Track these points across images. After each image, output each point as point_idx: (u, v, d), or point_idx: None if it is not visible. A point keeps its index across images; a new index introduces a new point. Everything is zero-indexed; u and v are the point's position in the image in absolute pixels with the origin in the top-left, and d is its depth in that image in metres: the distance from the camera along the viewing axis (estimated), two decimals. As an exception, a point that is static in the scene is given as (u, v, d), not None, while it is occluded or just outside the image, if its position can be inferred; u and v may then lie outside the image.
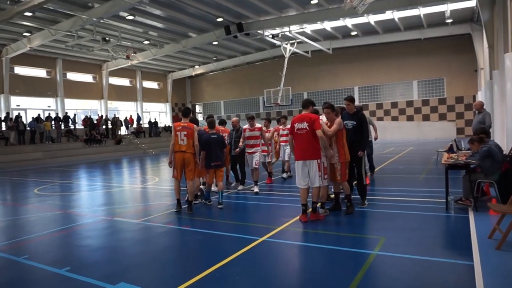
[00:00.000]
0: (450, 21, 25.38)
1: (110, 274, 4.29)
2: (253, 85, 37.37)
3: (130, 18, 21.40)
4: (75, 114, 29.36)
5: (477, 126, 8.99)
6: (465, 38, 27.62)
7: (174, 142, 7.18)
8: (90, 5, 19.24)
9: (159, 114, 39.44)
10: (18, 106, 27.55)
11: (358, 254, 4.61)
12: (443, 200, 6.61)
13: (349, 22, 25.86)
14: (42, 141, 24.94)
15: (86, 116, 30.10)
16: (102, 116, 30.89)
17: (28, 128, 24.57)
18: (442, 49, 29.77)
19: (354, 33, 28.62)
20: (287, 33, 25.72)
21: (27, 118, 26.74)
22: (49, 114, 27.13)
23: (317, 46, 29.28)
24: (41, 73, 29.03)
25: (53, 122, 26.24)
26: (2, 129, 23.76)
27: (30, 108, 28.35)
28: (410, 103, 31.90)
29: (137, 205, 8.69)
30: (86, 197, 10.29)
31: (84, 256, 5.10)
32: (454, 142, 9.59)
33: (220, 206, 7.54)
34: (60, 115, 28.05)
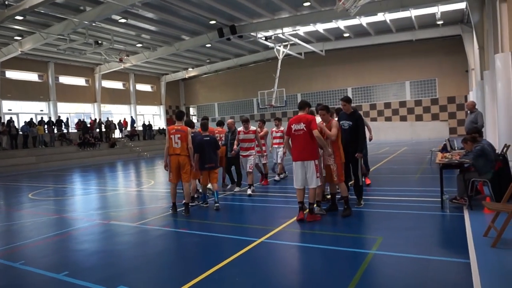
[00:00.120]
0: (441, 22, 25.69)
1: (109, 278, 4.28)
2: (246, 87, 37.41)
3: (123, 21, 21.33)
4: (68, 118, 29.17)
5: (469, 126, 9.09)
6: (456, 39, 27.91)
7: (168, 145, 7.24)
8: (82, 8, 19.13)
9: (153, 116, 39.30)
10: (10, 110, 27.29)
11: (356, 254, 4.65)
12: (438, 199, 6.68)
13: (341, 24, 26.00)
14: (35, 145, 24.74)
15: (79, 119, 29.92)
16: (95, 119, 30.73)
17: (20, 132, 24.37)
18: (434, 50, 30.06)
19: (346, 34, 28.79)
20: (280, 35, 25.77)
21: (20, 123, 26.52)
22: (41, 118, 26.91)
23: (310, 47, 29.39)
24: (33, 77, 28.79)
25: (46, 126, 26.04)
26: (-6, 134, 23.54)
27: (22, 112, 28.11)
28: (403, 104, 32.13)
29: (133, 208, 8.65)
30: (81, 201, 10.23)
31: (81, 260, 5.08)
32: (447, 142, 9.70)
33: (216, 205, 7.57)
34: (53, 119, 27.84)
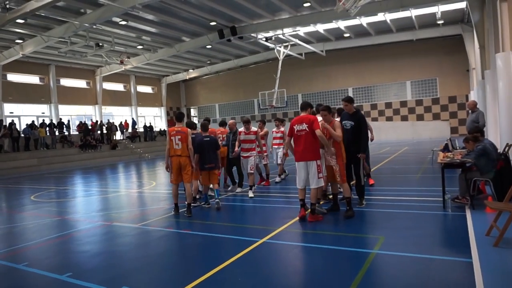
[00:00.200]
0: (441, 22, 25.67)
1: (112, 279, 4.29)
2: (247, 87, 37.45)
3: (123, 23, 21.39)
4: (69, 120, 29.23)
5: (471, 125, 9.09)
6: (456, 39, 27.91)
7: (169, 147, 7.33)
8: (82, 11, 19.19)
9: (154, 118, 39.38)
10: (12, 113, 27.38)
11: (358, 254, 4.65)
12: (440, 198, 6.68)
13: (341, 24, 26.02)
14: (37, 147, 24.81)
15: (80, 121, 29.98)
16: (97, 121, 30.79)
17: (22, 135, 24.44)
18: (434, 49, 30.06)
19: (347, 35, 28.81)
20: (281, 36, 25.81)
21: (21, 125, 26.59)
22: (43, 120, 26.98)
23: (310, 48, 29.42)
24: (34, 79, 28.89)
25: (47, 129, 26.11)
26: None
27: (23, 115, 28.20)
28: (404, 103, 32.13)
29: (135, 209, 8.66)
30: (83, 203, 10.25)
31: (84, 261, 5.09)
32: (449, 141, 9.69)
33: (217, 201, 7.70)
34: (54, 121, 27.91)
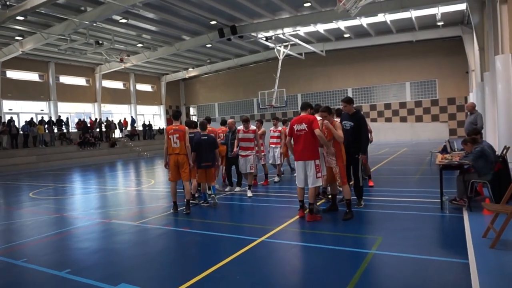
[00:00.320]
0: (441, 23, 25.72)
1: (110, 276, 4.32)
2: (247, 87, 37.45)
3: (123, 21, 21.35)
4: (68, 118, 29.22)
5: (469, 127, 9.12)
6: (456, 41, 27.96)
7: (167, 145, 7.41)
8: (82, 9, 19.16)
9: (153, 116, 39.35)
10: (11, 110, 27.33)
11: (356, 254, 4.68)
12: (438, 200, 6.71)
13: (342, 25, 26.03)
14: (36, 144, 24.78)
15: (79, 119, 29.96)
16: (96, 119, 30.77)
17: (21, 132, 24.42)
18: (434, 51, 30.10)
19: (347, 35, 28.83)
20: (281, 35, 25.80)
21: (20, 122, 26.56)
22: (42, 117, 26.95)
23: (310, 48, 29.43)
24: (33, 76, 28.82)
25: (46, 126, 26.08)
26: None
27: (22, 112, 28.14)
28: (403, 105, 32.17)
29: (133, 207, 8.69)
30: (82, 200, 10.26)
31: (83, 258, 5.12)
32: (447, 143, 9.72)
33: (212, 196, 7.90)
34: (53, 119, 27.88)
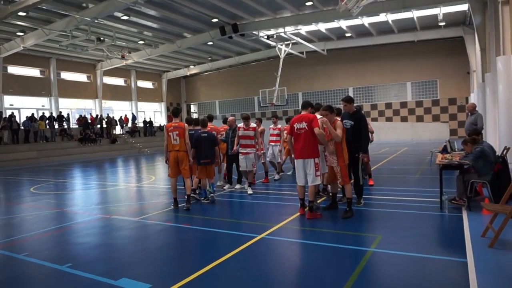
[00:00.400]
0: (443, 24, 25.68)
1: (111, 270, 4.35)
2: (248, 85, 37.47)
3: (125, 18, 21.37)
4: (69, 114, 29.25)
5: (469, 127, 9.14)
6: (457, 41, 27.96)
7: (167, 142, 7.49)
8: (84, 5, 19.16)
9: (154, 113, 39.39)
10: (12, 105, 27.36)
11: (355, 251, 4.70)
12: (438, 199, 6.74)
13: (343, 24, 26.03)
14: (37, 140, 24.85)
15: (80, 115, 30.00)
16: (97, 115, 30.80)
17: (22, 127, 24.47)
18: (435, 51, 30.10)
19: (348, 34, 28.82)
20: (282, 34, 25.82)
21: (21, 118, 26.59)
22: (43, 113, 26.99)
23: (311, 47, 29.44)
24: (34, 72, 28.85)
25: (47, 121, 26.12)
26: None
27: (23, 107, 28.18)
28: (404, 104, 32.19)
29: (134, 203, 8.72)
30: (83, 195, 10.30)
31: (84, 253, 5.15)
32: (448, 143, 9.74)
33: (211, 195, 8.00)
34: (54, 115, 27.92)
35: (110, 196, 10.09)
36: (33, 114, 26.33)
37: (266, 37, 26.36)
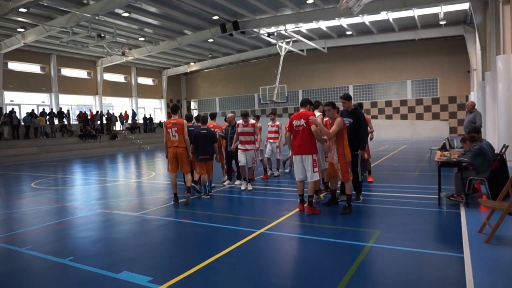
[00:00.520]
0: (443, 22, 25.70)
1: (113, 264, 4.41)
2: (248, 82, 37.48)
3: (126, 15, 21.37)
4: (69, 110, 29.28)
5: (468, 126, 9.20)
6: (458, 40, 27.96)
7: (166, 139, 7.61)
8: (85, 2, 19.16)
9: (154, 110, 39.42)
10: (12, 101, 27.40)
11: (353, 246, 4.75)
12: (436, 196, 6.79)
13: (344, 22, 26.03)
14: (37, 136, 24.90)
15: (80, 111, 30.04)
16: (97, 112, 30.84)
17: (22, 123, 24.52)
18: (436, 50, 30.11)
19: (349, 32, 28.81)
20: (283, 31, 25.84)
21: (21, 114, 26.63)
22: (43, 109, 27.02)
23: (312, 45, 29.43)
24: (35, 68, 28.86)
25: (47, 117, 26.16)
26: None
27: (24, 103, 28.21)
28: (404, 102, 32.23)
29: (134, 199, 8.77)
30: (84, 191, 10.34)
31: (85, 247, 5.20)
32: (447, 141, 9.78)
33: (210, 194, 8.12)
34: (54, 111, 27.95)
35: (110, 191, 10.14)
36: (33, 110, 26.34)
37: (266, 34, 26.35)
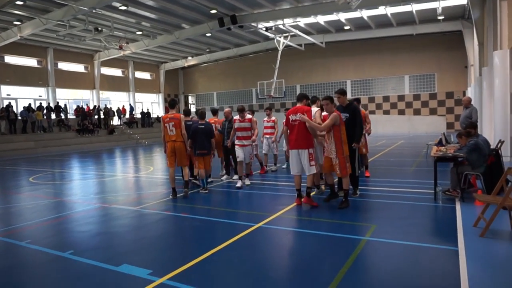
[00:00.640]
0: (441, 17, 25.72)
1: (112, 257, 4.46)
2: (246, 77, 37.44)
3: (123, 8, 21.26)
4: (66, 104, 29.19)
5: (464, 121, 9.26)
6: (456, 35, 27.99)
7: (164, 133, 7.70)
8: (83, -6, 19.10)
9: (152, 104, 39.34)
10: (9, 95, 27.29)
11: (349, 240, 4.82)
12: (432, 191, 6.88)
13: (342, 17, 26.01)
14: (34, 130, 24.85)
15: (77, 106, 29.96)
16: (94, 106, 30.76)
17: (19, 117, 24.44)
18: (434, 45, 30.15)
19: (347, 27, 28.80)
20: (281, 26, 25.80)
21: (18, 108, 26.54)
22: (40, 103, 26.93)
23: (310, 39, 29.41)
24: (31, 62, 28.71)
25: (44, 112, 26.08)
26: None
27: (20, 97, 28.10)
28: (401, 98, 32.30)
29: (132, 193, 8.81)
30: (82, 185, 10.38)
31: (85, 241, 5.25)
32: (443, 136, 9.86)
33: (205, 191, 8.16)
34: (51, 105, 27.86)
35: (108, 186, 10.17)
36: (30, 104, 26.24)
37: (264, 29, 26.29)
